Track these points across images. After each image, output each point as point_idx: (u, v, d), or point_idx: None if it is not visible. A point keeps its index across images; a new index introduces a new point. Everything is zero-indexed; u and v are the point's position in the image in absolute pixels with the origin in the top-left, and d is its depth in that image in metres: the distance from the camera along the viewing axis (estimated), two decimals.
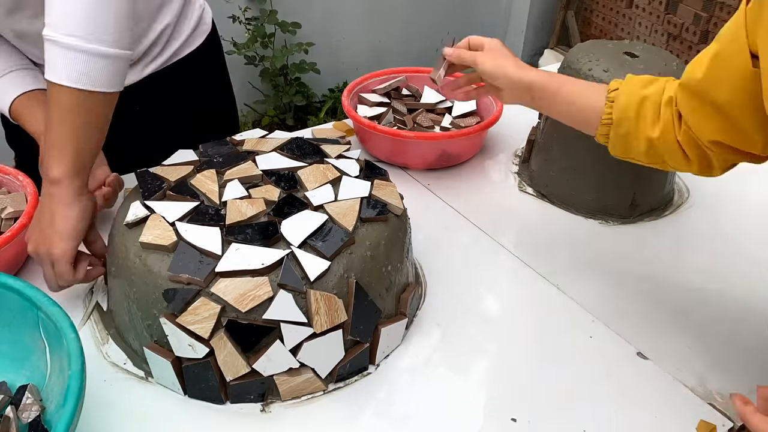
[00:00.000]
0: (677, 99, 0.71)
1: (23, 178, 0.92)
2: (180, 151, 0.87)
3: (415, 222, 0.90)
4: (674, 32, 2.80)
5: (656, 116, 0.73)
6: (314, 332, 0.70)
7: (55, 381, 0.66)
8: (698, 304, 0.90)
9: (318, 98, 2.93)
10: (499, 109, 1.18)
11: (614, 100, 0.75)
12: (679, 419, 0.74)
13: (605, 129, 0.77)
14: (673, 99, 0.71)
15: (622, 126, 0.75)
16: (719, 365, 0.81)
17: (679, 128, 0.71)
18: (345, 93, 1.20)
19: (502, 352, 0.81)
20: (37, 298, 0.66)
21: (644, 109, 0.73)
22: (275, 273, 0.69)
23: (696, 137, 0.69)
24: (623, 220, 1.06)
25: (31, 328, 0.67)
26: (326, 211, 0.76)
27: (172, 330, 0.68)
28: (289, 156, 0.86)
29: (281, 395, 0.73)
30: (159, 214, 0.74)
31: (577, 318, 0.87)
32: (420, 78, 1.30)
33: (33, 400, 0.64)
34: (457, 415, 0.73)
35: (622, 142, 0.76)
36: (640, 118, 0.74)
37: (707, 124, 0.68)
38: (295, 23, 2.64)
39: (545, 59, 3.35)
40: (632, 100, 0.74)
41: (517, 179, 1.16)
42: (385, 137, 1.13)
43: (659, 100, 0.73)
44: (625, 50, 1.03)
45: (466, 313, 0.87)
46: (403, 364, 0.79)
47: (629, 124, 0.74)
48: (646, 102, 0.73)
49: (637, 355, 0.82)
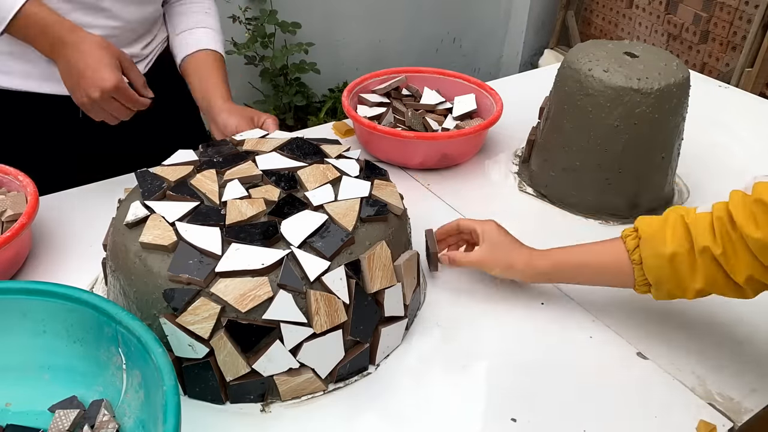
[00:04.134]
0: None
1: (23, 178, 0.92)
2: (180, 151, 0.87)
3: (415, 222, 0.90)
4: (674, 32, 2.80)
5: (692, 268, 0.72)
6: (314, 332, 0.70)
7: (132, 397, 0.65)
8: (698, 304, 0.90)
9: (318, 98, 2.93)
10: (499, 109, 1.18)
11: (641, 263, 0.75)
12: (679, 419, 0.74)
13: (644, 289, 0.77)
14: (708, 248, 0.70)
15: (662, 288, 0.75)
16: (719, 365, 0.81)
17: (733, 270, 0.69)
18: (345, 93, 1.20)
19: (502, 352, 0.81)
20: (115, 312, 0.64)
21: (678, 269, 0.72)
22: (275, 273, 0.69)
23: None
24: (623, 220, 1.06)
25: (107, 342, 0.66)
26: (326, 211, 0.76)
27: (172, 330, 0.68)
28: (289, 156, 0.86)
29: (281, 395, 0.73)
30: (159, 214, 0.74)
31: (577, 318, 0.87)
32: (420, 78, 1.30)
33: (109, 417, 0.64)
34: (457, 415, 0.73)
35: (667, 296, 0.76)
36: (678, 277, 0.73)
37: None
38: (295, 23, 2.64)
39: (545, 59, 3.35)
40: (661, 263, 0.73)
41: (517, 179, 1.16)
42: (385, 137, 1.13)
43: (685, 250, 0.71)
44: (625, 50, 1.03)
45: (466, 313, 0.87)
46: (403, 364, 0.79)
47: (669, 285, 0.74)
48: (675, 261, 0.72)
49: (637, 355, 0.82)
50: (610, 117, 0.98)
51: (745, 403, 0.76)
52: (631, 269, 0.76)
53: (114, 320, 0.64)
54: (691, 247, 0.71)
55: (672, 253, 0.72)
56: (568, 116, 1.03)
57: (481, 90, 1.26)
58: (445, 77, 1.30)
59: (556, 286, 0.91)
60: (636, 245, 0.76)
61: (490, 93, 1.24)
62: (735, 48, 2.61)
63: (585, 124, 1.01)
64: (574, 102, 1.01)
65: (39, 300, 0.67)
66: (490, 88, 1.25)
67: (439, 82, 1.30)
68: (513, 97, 1.29)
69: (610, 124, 0.99)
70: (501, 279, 0.90)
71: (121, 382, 0.66)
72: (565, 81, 1.03)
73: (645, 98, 0.96)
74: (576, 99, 1.01)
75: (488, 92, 1.24)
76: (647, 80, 0.97)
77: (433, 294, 0.90)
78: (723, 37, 2.64)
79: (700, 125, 1.27)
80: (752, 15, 2.49)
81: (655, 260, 0.73)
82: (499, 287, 0.91)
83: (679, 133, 1.05)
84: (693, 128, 1.13)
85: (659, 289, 0.75)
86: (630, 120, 0.98)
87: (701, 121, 1.29)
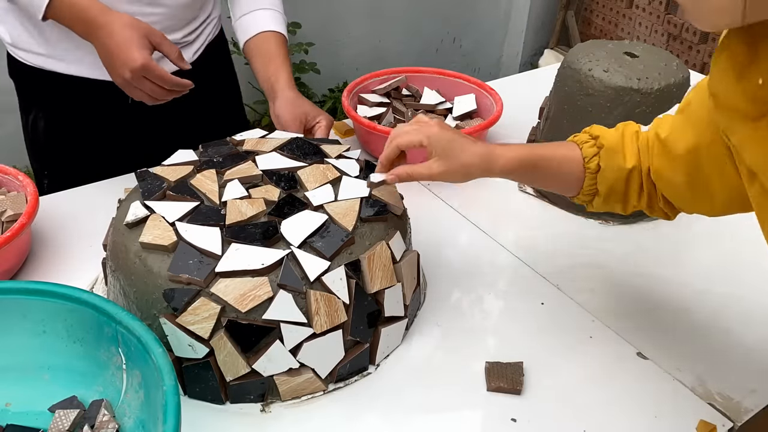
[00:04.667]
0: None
1: (23, 178, 0.92)
2: (180, 151, 0.87)
3: (415, 222, 0.90)
4: (674, 32, 2.80)
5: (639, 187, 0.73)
6: (314, 332, 0.70)
7: (132, 397, 0.65)
8: (698, 304, 0.90)
9: (318, 98, 2.93)
10: (499, 109, 1.18)
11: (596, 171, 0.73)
12: (679, 419, 0.74)
13: (587, 198, 0.77)
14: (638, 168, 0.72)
15: (608, 201, 0.75)
16: (719, 365, 0.81)
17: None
18: (345, 93, 1.20)
19: (502, 352, 0.81)
20: (115, 312, 0.64)
21: (631, 184, 0.73)
22: (275, 273, 0.69)
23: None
24: (623, 220, 1.06)
25: (107, 342, 0.66)
26: (326, 211, 0.76)
27: (172, 330, 0.68)
28: (289, 156, 0.85)
29: (281, 395, 0.73)
30: (159, 214, 0.74)
31: (577, 318, 0.87)
32: (420, 78, 1.30)
33: (109, 417, 0.64)
34: (457, 415, 0.73)
35: (606, 208, 0.77)
36: (628, 192, 0.74)
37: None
38: (295, 23, 2.64)
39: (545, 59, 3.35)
40: (619, 176, 0.73)
41: None
42: (385, 137, 1.12)
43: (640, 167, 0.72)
44: (625, 50, 1.03)
45: (466, 313, 0.87)
46: (403, 364, 0.79)
47: (616, 198, 0.74)
48: (632, 176, 0.73)
49: (637, 355, 0.82)
50: (610, 117, 0.98)
51: (745, 403, 0.76)
52: (582, 177, 0.74)
53: (114, 320, 0.64)
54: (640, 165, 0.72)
55: (632, 167, 0.71)
56: (568, 116, 1.03)
57: (481, 90, 1.26)
58: (445, 77, 1.30)
59: (557, 287, 0.91)
60: (595, 153, 0.73)
61: (490, 93, 1.24)
62: None
63: (585, 124, 1.00)
64: (574, 102, 1.01)
65: (39, 300, 0.67)
66: (490, 88, 1.25)
67: (439, 82, 1.30)
68: (513, 97, 1.29)
69: (610, 124, 0.98)
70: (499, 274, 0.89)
71: (121, 382, 0.66)
72: (565, 81, 1.03)
73: (645, 98, 0.96)
74: (576, 99, 1.01)
75: (488, 92, 1.24)
76: (647, 80, 0.96)
77: (433, 294, 0.90)
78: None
79: None
80: None
81: (615, 173, 0.72)
82: (499, 287, 0.91)
83: None
84: None
85: (607, 200, 0.75)
86: (630, 120, 0.98)
87: None
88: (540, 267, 0.95)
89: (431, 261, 0.94)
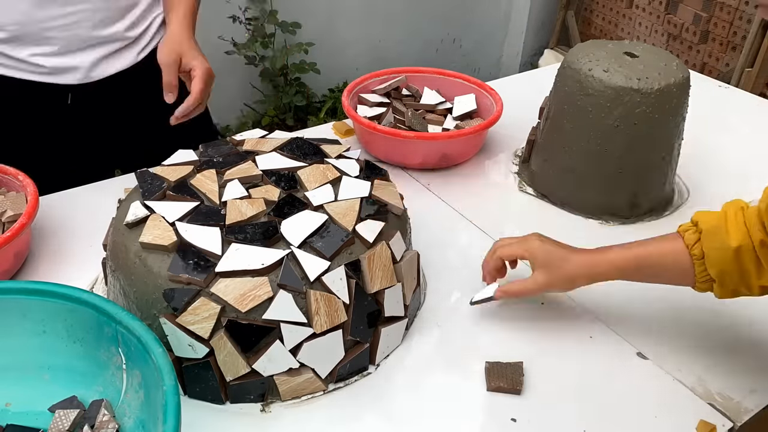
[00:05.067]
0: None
1: (23, 178, 0.92)
2: (180, 151, 0.87)
3: (415, 222, 0.90)
4: (674, 32, 2.80)
5: (758, 262, 0.68)
6: (314, 332, 0.70)
7: (132, 397, 0.65)
8: (698, 304, 0.90)
9: (318, 98, 2.93)
10: (499, 109, 1.18)
11: (703, 257, 0.71)
12: (679, 419, 0.74)
13: (706, 286, 0.73)
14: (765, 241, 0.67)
15: (726, 284, 0.71)
16: (719, 365, 0.81)
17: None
18: (345, 93, 1.20)
19: (502, 352, 0.81)
20: (115, 312, 0.64)
21: (743, 262, 0.69)
22: (275, 273, 0.69)
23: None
24: (623, 220, 1.06)
25: (107, 342, 0.66)
26: (326, 211, 0.76)
27: (172, 330, 0.68)
28: (289, 156, 0.86)
29: (281, 395, 0.73)
30: (159, 214, 0.74)
31: (577, 318, 0.87)
32: (420, 78, 1.30)
33: (109, 417, 0.64)
34: (457, 415, 0.73)
35: (731, 293, 0.73)
36: (743, 270, 0.69)
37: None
38: (295, 23, 2.64)
39: (545, 59, 3.35)
40: (725, 256, 0.69)
41: (517, 179, 1.16)
42: (385, 137, 1.13)
43: (750, 243, 0.68)
44: (625, 50, 1.03)
45: (467, 314, 0.87)
46: (403, 364, 0.79)
47: (733, 280, 0.70)
48: (740, 253, 0.69)
49: (637, 355, 0.82)
50: (610, 117, 0.98)
51: (745, 403, 0.76)
52: (692, 265, 0.72)
53: (114, 320, 0.64)
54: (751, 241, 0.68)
55: (738, 245, 0.68)
56: (568, 116, 1.03)
57: (481, 90, 1.26)
58: (445, 77, 1.30)
59: None
60: (697, 239, 0.71)
61: (490, 93, 1.24)
62: (735, 48, 2.61)
63: (585, 124, 1.01)
64: (574, 102, 1.01)
65: (39, 300, 0.67)
66: (490, 88, 1.25)
67: (439, 82, 1.30)
68: (513, 97, 1.29)
69: (610, 124, 0.99)
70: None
71: (121, 382, 0.66)
72: (565, 81, 1.03)
73: (645, 98, 0.96)
74: (576, 99, 1.01)
75: (488, 92, 1.24)
76: (647, 80, 0.97)
77: (433, 294, 0.89)
78: (723, 37, 2.64)
79: (700, 125, 1.27)
80: (752, 15, 2.49)
81: (719, 253, 0.69)
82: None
83: (679, 133, 1.05)
84: (693, 128, 1.12)
85: (723, 284, 0.71)
86: (630, 120, 0.98)
87: (701, 121, 1.29)
88: None
89: (431, 261, 0.94)
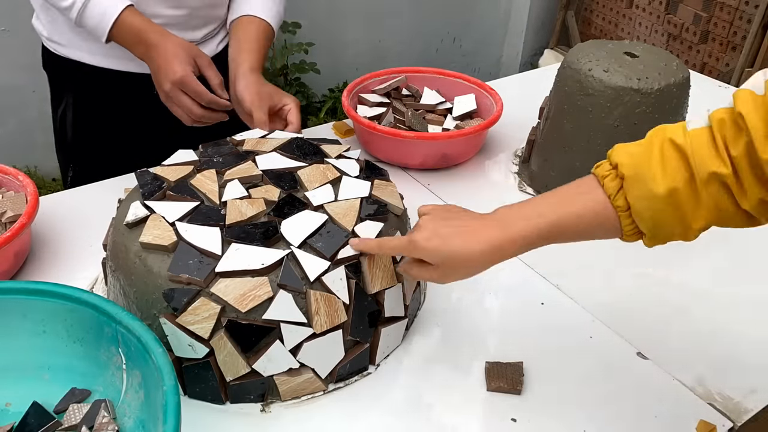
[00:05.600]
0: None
1: (23, 178, 0.92)
2: (180, 151, 0.87)
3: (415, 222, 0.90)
4: (674, 32, 2.80)
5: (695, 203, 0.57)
6: (314, 332, 0.70)
7: (132, 397, 0.65)
8: (698, 304, 0.90)
9: (318, 98, 2.93)
10: (499, 109, 1.18)
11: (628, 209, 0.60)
12: (679, 419, 0.74)
13: (635, 237, 0.62)
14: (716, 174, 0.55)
15: (658, 234, 0.60)
16: (719, 365, 0.81)
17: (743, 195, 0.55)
18: (345, 93, 1.20)
19: (502, 352, 0.81)
20: (115, 312, 0.64)
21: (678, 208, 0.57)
22: (275, 273, 0.69)
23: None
24: None
25: (107, 342, 0.66)
26: (326, 211, 0.76)
27: (172, 330, 0.68)
28: (289, 156, 0.86)
29: (281, 395, 0.73)
30: (159, 214, 0.74)
31: (577, 318, 0.87)
32: (420, 78, 1.30)
33: (109, 419, 0.64)
34: (457, 415, 0.73)
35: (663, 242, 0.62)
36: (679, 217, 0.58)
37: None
38: (295, 23, 2.64)
39: (545, 59, 3.35)
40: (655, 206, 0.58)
41: (517, 179, 1.16)
42: (385, 137, 1.13)
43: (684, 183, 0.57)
44: (625, 50, 1.03)
45: (466, 313, 0.87)
46: (403, 364, 0.79)
47: (666, 229, 0.59)
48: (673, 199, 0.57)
49: (637, 355, 0.82)
50: (610, 117, 0.98)
51: (745, 403, 0.76)
52: (617, 217, 0.60)
53: (114, 320, 0.64)
54: (691, 177, 0.56)
55: (668, 190, 0.56)
56: (568, 116, 1.03)
57: (481, 90, 1.26)
58: (445, 77, 1.30)
59: (556, 287, 0.91)
60: (618, 187, 0.60)
61: (490, 93, 1.24)
62: (735, 48, 2.61)
63: (585, 124, 1.01)
64: (574, 102, 1.01)
65: (39, 300, 0.67)
66: (490, 88, 1.25)
67: (439, 82, 1.30)
68: (513, 97, 1.29)
69: (610, 124, 0.99)
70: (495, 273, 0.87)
71: (121, 382, 0.66)
72: (565, 81, 1.03)
73: (645, 98, 0.96)
74: (576, 99, 1.01)
75: (488, 92, 1.24)
76: (647, 80, 0.97)
77: (433, 294, 0.89)
78: (723, 37, 2.64)
79: None
80: (752, 15, 2.49)
81: (647, 203, 0.58)
82: (499, 287, 0.91)
83: None
84: None
85: (655, 236, 0.60)
86: (630, 120, 0.98)
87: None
88: (540, 267, 0.95)
89: None
